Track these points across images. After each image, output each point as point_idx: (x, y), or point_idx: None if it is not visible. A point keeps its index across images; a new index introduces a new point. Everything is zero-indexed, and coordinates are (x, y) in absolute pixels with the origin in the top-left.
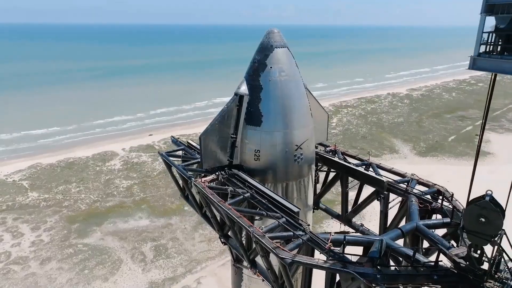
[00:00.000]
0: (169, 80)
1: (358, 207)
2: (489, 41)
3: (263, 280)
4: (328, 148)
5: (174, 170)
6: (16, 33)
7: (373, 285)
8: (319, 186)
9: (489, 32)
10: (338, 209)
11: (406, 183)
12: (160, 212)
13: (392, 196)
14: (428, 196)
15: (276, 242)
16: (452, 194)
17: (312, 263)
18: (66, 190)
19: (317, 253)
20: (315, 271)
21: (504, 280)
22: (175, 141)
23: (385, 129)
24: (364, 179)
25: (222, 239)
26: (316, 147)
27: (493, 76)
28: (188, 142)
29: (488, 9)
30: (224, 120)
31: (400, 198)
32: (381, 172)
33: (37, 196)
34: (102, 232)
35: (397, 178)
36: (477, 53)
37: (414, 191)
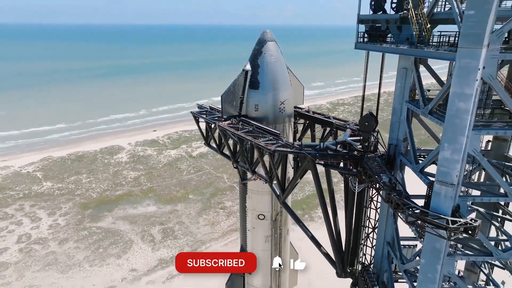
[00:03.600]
0: (169, 80)
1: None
2: (362, 35)
3: (260, 180)
4: (303, 110)
5: (200, 125)
6: (17, 33)
7: (316, 160)
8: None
9: (362, 32)
10: None
11: (347, 124)
12: (166, 200)
13: (339, 132)
14: None
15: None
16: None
17: (284, 149)
18: (77, 180)
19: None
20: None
21: (376, 153)
22: (200, 106)
23: (380, 126)
24: (323, 123)
25: (234, 164)
26: (296, 108)
27: (367, 54)
28: (210, 106)
29: (360, 21)
30: (236, 86)
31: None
32: (335, 121)
33: (51, 185)
34: (113, 217)
35: (343, 122)
36: (356, 41)
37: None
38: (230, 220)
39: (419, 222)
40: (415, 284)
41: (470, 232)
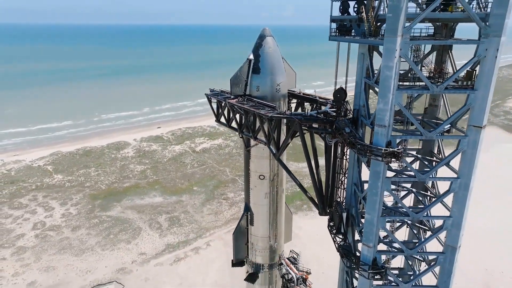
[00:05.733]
0: (171, 79)
1: None
2: (334, 31)
3: (260, 143)
4: (296, 92)
5: (213, 105)
6: (22, 34)
7: (302, 125)
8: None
9: (334, 28)
10: None
11: (328, 101)
12: (171, 191)
13: (323, 107)
14: None
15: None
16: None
17: (279, 115)
18: (86, 173)
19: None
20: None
21: (346, 118)
22: (212, 89)
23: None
24: (311, 101)
25: (240, 134)
26: (289, 91)
27: (338, 44)
28: (220, 89)
29: (332, 21)
30: (242, 72)
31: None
32: (320, 99)
33: (62, 178)
34: (122, 207)
35: (325, 100)
36: (330, 35)
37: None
38: (233, 210)
39: (367, 153)
40: None
41: (396, 156)
